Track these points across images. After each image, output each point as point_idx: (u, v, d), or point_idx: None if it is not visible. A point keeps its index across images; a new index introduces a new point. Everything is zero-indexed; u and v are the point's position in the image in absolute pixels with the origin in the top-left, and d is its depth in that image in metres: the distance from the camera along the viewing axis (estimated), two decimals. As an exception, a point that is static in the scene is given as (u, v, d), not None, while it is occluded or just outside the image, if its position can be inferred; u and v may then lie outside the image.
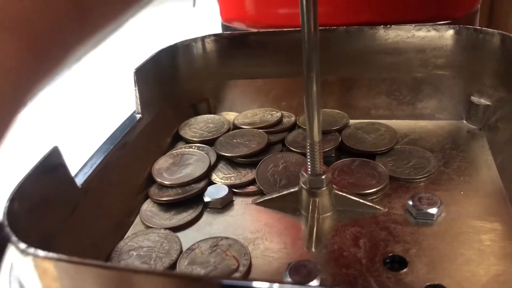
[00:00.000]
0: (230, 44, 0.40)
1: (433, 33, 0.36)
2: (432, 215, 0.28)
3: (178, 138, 0.39)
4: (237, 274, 0.25)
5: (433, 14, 0.42)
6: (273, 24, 0.45)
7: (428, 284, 0.24)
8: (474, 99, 0.37)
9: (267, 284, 0.16)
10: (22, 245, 0.18)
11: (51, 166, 0.24)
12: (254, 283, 0.16)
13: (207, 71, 0.41)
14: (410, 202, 0.29)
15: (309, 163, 0.28)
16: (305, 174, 0.28)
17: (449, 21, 0.42)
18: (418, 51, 0.37)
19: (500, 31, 0.34)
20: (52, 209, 0.24)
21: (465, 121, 0.38)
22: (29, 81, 0.11)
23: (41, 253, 0.19)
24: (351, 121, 0.39)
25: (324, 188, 0.28)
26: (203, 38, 0.40)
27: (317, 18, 0.24)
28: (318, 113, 0.26)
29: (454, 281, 0.24)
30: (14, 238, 0.19)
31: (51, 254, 0.18)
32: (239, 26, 0.48)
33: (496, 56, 0.35)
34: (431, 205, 0.28)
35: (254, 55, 0.40)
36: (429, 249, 0.26)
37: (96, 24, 0.12)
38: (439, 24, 0.41)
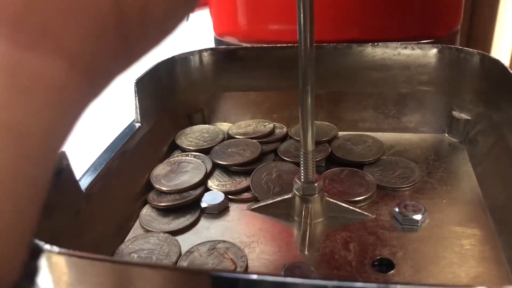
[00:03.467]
0: (225, 58, 0.42)
1: (417, 51, 0.39)
2: (417, 221, 0.30)
3: (174, 147, 0.40)
4: (234, 275, 0.26)
5: (417, 33, 0.44)
6: (265, 39, 0.46)
7: (413, 284, 0.26)
8: (455, 113, 0.39)
9: (255, 276, 0.17)
10: (38, 242, 0.20)
11: (58, 170, 0.26)
12: (244, 276, 0.17)
13: (203, 83, 0.42)
14: (397, 209, 0.30)
15: (302, 171, 0.30)
16: (298, 182, 0.30)
17: (432, 40, 0.44)
18: (403, 68, 0.39)
19: (480, 51, 0.36)
20: (58, 212, 0.26)
21: (447, 135, 0.40)
22: (72, 104, 0.11)
23: (55, 249, 0.20)
24: (340, 133, 0.40)
25: (316, 195, 0.30)
26: (200, 52, 0.42)
27: (313, 36, 0.26)
28: (312, 124, 0.28)
29: (437, 282, 0.26)
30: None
31: (65, 250, 0.20)
32: (232, 40, 0.49)
33: (476, 74, 0.37)
34: (416, 212, 0.30)
35: (248, 69, 0.42)
36: (414, 253, 0.28)
37: (138, 55, 0.13)
38: (423, 43, 0.43)
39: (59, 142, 0.11)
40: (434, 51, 0.38)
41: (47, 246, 0.20)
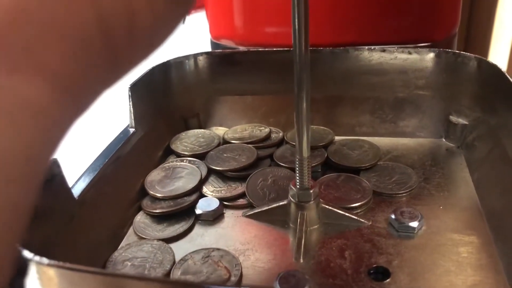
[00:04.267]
0: (221, 61, 0.41)
1: (414, 55, 0.38)
2: (414, 228, 0.29)
3: (169, 152, 0.40)
4: (229, 284, 0.26)
5: (415, 36, 0.44)
6: (261, 42, 0.46)
7: (410, 293, 0.25)
8: (453, 118, 0.39)
9: None
10: (27, 253, 0.19)
11: (51, 177, 0.25)
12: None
13: (198, 87, 0.42)
14: (393, 216, 0.30)
15: (297, 178, 0.29)
16: (293, 188, 0.30)
17: (430, 43, 0.44)
18: (400, 72, 0.39)
19: (477, 56, 0.36)
20: (50, 220, 0.25)
21: (444, 139, 0.40)
22: (56, 124, 0.11)
23: (45, 260, 0.19)
24: (336, 138, 0.40)
25: (312, 202, 0.30)
26: (195, 56, 0.41)
27: (308, 41, 0.26)
28: (307, 130, 0.28)
29: (434, 291, 0.25)
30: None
31: (54, 262, 0.19)
32: (228, 43, 0.49)
33: (473, 78, 0.37)
34: (412, 219, 0.30)
35: (244, 73, 0.41)
36: (410, 261, 0.27)
37: (125, 70, 0.13)
38: (420, 46, 0.43)
39: (43, 163, 0.11)
40: (431, 55, 0.38)
41: (36, 258, 0.19)
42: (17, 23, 0.10)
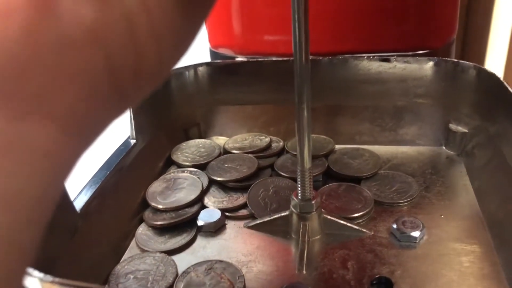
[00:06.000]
0: (221, 72, 0.42)
1: (413, 64, 0.38)
2: (415, 238, 0.30)
3: (170, 163, 0.40)
4: (232, 296, 0.26)
5: (413, 44, 0.44)
6: (260, 51, 0.46)
7: (413, 304, 0.25)
8: (452, 126, 0.39)
9: None
10: (31, 271, 0.19)
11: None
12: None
13: (198, 97, 0.42)
14: (394, 226, 0.30)
15: (299, 189, 0.29)
16: (295, 199, 0.30)
17: (428, 51, 0.44)
18: (399, 80, 0.39)
19: (476, 64, 0.36)
20: (52, 234, 0.25)
21: (444, 147, 0.40)
22: (66, 163, 0.11)
23: (49, 278, 0.20)
24: (337, 146, 0.40)
25: (314, 213, 0.30)
26: (195, 66, 0.41)
27: (308, 52, 0.26)
28: (308, 141, 0.28)
29: (436, 301, 0.26)
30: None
31: (59, 279, 0.19)
32: (227, 52, 0.49)
33: (472, 86, 0.37)
34: (414, 228, 0.30)
35: (244, 82, 0.41)
36: (413, 271, 0.28)
37: (131, 104, 0.13)
38: (419, 54, 0.43)
39: (53, 201, 0.11)
40: (430, 64, 0.38)
41: (40, 275, 0.19)
42: (29, 70, 0.10)
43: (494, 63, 0.61)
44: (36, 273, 0.19)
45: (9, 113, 0.10)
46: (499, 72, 0.63)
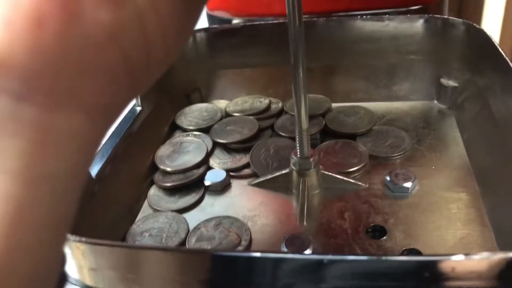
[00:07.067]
0: (218, 37, 0.43)
1: (405, 22, 0.40)
2: (407, 188, 0.32)
3: (175, 127, 0.42)
4: (240, 248, 0.29)
5: (406, 0, 0.45)
6: (256, 12, 0.47)
7: (404, 248, 0.28)
8: (443, 81, 0.41)
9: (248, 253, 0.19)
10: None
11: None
12: (245, 254, 0.19)
13: (198, 62, 0.43)
14: (388, 178, 0.32)
15: (298, 148, 0.31)
16: (294, 157, 0.32)
17: (421, 6, 0.45)
18: (392, 38, 0.41)
19: (465, 20, 0.37)
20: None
21: (436, 101, 0.42)
22: (93, 145, 0.14)
23: (75, 238, 0.22)
24: (333, 105, 0.42)
25: (312, 169, 0.32)
26: (193, 32, 0.43)
27: (301, 13, 0.26)
28: (305, 102, 0.30)
29: (426, 245, 0.28)
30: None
31: (86, 239, 0.22)
32: (223, 14, 0.50)
33: (462, 42, 0.38)
34: (406, 180, 0.32)
35: (241, 46, 0.43)
36: (405, 219, 0.30)
37: (144, 90, 0.15)
38: (412, 10, 0.44)
39: (84, 175, 0.14)
40: (421, 21, 0.39)
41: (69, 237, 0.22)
42: (61, 70, 0.12)
43: (491, 18, 0.62)
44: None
45: (45, 105, 0.12)
46: (497, 26, 0.64)
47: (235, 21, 0.48)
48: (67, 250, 0.22)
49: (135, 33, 0.13)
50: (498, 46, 0.32)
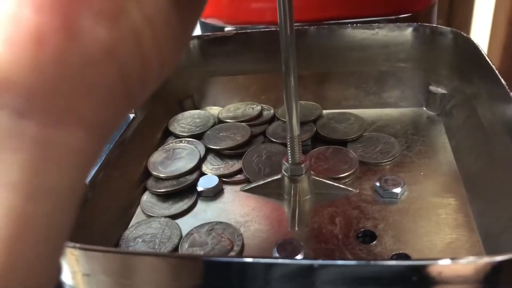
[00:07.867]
0: (211, 44, 0.43)
1: (395, 30, 0.40)
2: (397, 194, 0.32)
3: (168, 134, 0.42)
4: (232, 253, 0.29)
5: (396, 8, 0.46)
6: (248, 20, 0.48)
7: (394, 253, 0.28)
8: (432, 88, 0.41)
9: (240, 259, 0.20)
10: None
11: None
12: (238, 259, 0.20)
13: (191, 69, 0.44)
14: (378, 184, 0.33)
15: (289, 154, 0.32)
16: (286, 163, 0.32)
17: (410, 14, 0.46)
18: (382, 46, 0.41)
19: (453, 29, 0.38)
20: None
21: (425, 108, 0.43)
22: (91, 159, 0.14)
23: (67, 244, 0.22)
24: (324, 111, 0.43)
25: (304, 175, 0.32)
26: (186, 40, 0.43)
27: (293, 21, 0.27)
28: (296, 109, 0.30)
29: (415, 250, 0.28)
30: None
31: (80, 245, 0.22)
32: (216, 22, 0.50)
33: (450, 50, 0.39)
34: (396, 185, 0.33)
35: (234, 54, 0.43)
36: (394, 224, 0.30)
37: (139, 103, 0.16)
38: (401, 18, 0.45)
39: (81, 189, 0.14)
40: (410, 29, 0.40)
41: (63, 241, 0.22)
42: (59, 87, 0.12)
43: (480, 25, 0.63)
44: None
45: (45, 122, 0.12)
46: (485, 33, 0.65)
47: (228, 28, 0.48)
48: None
49: (131, 49, 0.14)
50: (485, 55, 0.33)
